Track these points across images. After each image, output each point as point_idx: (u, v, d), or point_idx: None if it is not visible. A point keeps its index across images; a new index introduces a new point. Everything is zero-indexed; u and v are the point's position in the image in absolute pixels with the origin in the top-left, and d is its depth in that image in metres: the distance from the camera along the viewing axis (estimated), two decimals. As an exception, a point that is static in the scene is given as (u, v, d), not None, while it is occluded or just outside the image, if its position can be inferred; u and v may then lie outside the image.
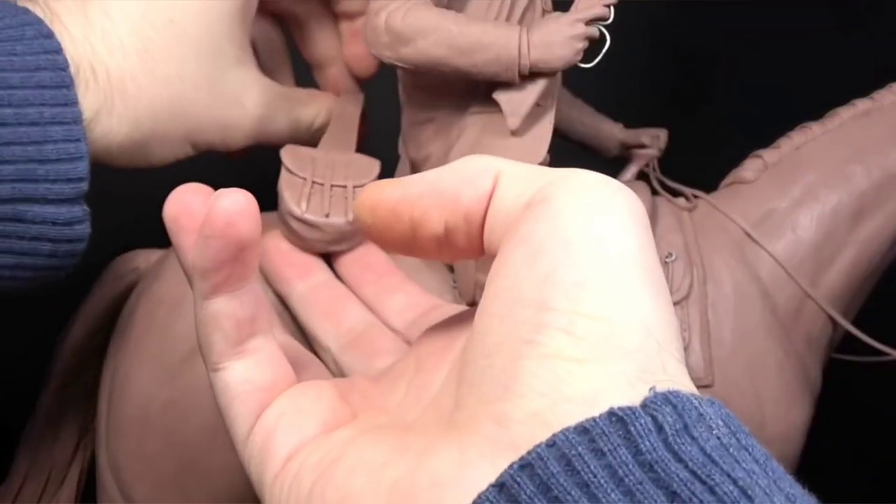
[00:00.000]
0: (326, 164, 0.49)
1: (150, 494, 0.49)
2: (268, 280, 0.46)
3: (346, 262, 0.47)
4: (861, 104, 0.58)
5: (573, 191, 0.26)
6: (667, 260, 0.53)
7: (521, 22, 0.48)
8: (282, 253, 0.47)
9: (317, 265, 0.47)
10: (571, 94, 0.60)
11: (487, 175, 0.28)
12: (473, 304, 0.50)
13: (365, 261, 0.46)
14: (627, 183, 0.58)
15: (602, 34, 0.46)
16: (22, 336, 0.58)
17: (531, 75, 0.46)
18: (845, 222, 0.55)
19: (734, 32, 0.81)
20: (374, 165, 0.50)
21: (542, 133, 0.47)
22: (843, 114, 0.58)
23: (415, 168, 0.53)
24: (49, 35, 0.43)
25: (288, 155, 0.48)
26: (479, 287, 0.49)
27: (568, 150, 0.59)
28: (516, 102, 0.46)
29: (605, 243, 0.25)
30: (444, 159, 0.49)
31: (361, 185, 0.48)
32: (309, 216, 0.46)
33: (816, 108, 0.59)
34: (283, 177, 0.48)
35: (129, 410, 0.50)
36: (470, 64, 0.45)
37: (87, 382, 0.55)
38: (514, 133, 0.47)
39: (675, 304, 0.53)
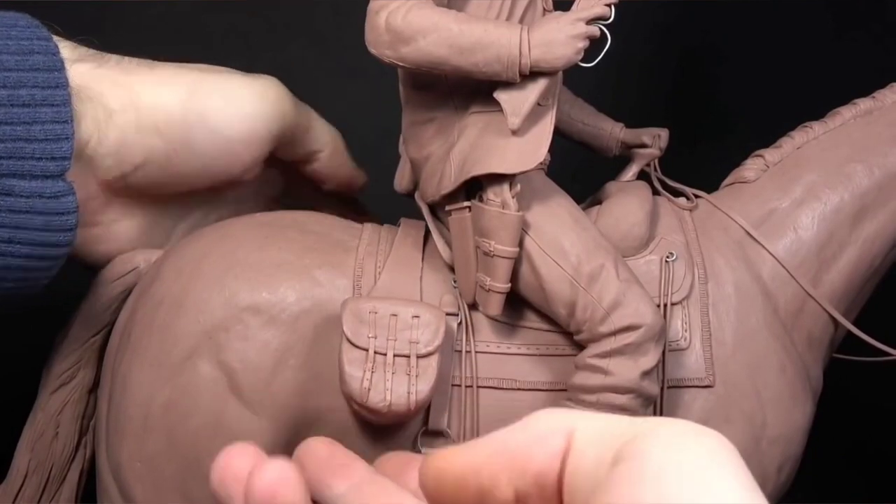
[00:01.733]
0: (388, 320, 0.47)
1: (150, 494, 0.49)
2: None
3: (383, 460, 0.43)
4: (862, 103, 0.58)
5: (667, 445, 0.23)
6: (667, 260, 0.53)
7: (521, 21, 0.48)
8: (318, 459, 0.43)
9: (356, 463, 0.43)
10: (572, 93, 0.59)
11: (560, 433, 0.26)
12: (473, 305, 0.50)
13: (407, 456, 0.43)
14: (628, 182, 0.58)
15: (603, 33, 0.46)
16: (22, 336, 0.58)
17: (532, 74, 0.46)
18: (847, 222, 0.55)
19: (735, 32, 0.81)
20: (440, 319, 0.48)
21: (543, 132, 0.47)
22: (845, 113, 0.57)
23: (415, 168, 0.53)
24: (40, 26, 0.45)
25: (348, 316, 0.47)
26: (480, 286, 0.49)
27: (569, 150, 0.59)
28: (517, 102, 0.46)
29: None
30: (444, 158, 0.49)
31: (424, 356, 0.47)
32: (371, 403, 0.46)
33: (818, 108, 0.59)
34: (344, 348, 0.47)
35: (130, 410, 0.49)
36: (471, 63, 0.45)
37: (87, 382, 0.54)
38: (514, 132, 0.46)
39: (676, 304, 0.52)
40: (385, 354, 0.47)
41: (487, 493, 0.26)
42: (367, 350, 0.47)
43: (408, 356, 0.47)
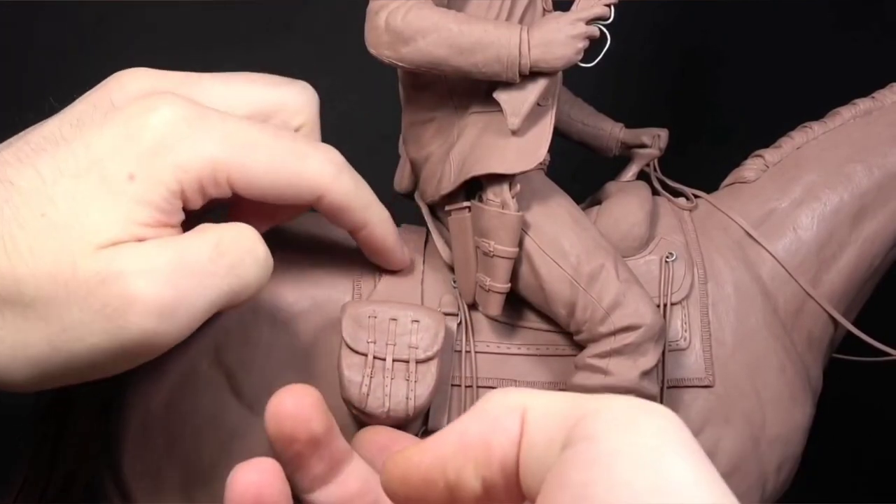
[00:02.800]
0: (388, 325, 0.47)
1: (149, 495, 0.49)
2: None
3: (363, 436, 0.42)
4: (862, 103, 0.58)
5: (617, 426, 0.23)
6: (667, 260, 0.53)
7: (521, 21, 0.48)
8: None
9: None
10: (572, 93, 0.59)
11: (514, 415, 0.25)
12: (473, 305, 0.50)
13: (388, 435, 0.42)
14: (628, 182, 0.58)
15: (602, 33, 0.46)
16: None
17: (532, 75, 0.46)
18: (846, 222, 0.55)
19: (735, 32, 0.81)
20: (440, 324, 0.48)
21: (543, 132, 0.47)
22: (845, 113, 0.58)
23: (415, 168, 0.53)
24: None
25: (347, 320, 0.47)
26: (479, 286, 0.49)
27: (569, 150, 0.59)
28: (517, 102, 0.46)
29: (676, 492, 0.21)
30: (444, 158, 0.49)
31: (423, 361, 0.47)
32: (370, 409, 0.46)
33: (817, 108, 0.59)
34: (343, 353, 0.47)
35: (129, 411, 0.49)
36: (470, 63, 0.45)
37: (87, 382, 0.54)
38: (514, 133, 0.46)
39: (676, 304, 0.52)
40: (384, 359, 0.47)
41: (455, 487, 0.26)
42: (366, 355, 0.47)
43: (407, 361, 0.47)
